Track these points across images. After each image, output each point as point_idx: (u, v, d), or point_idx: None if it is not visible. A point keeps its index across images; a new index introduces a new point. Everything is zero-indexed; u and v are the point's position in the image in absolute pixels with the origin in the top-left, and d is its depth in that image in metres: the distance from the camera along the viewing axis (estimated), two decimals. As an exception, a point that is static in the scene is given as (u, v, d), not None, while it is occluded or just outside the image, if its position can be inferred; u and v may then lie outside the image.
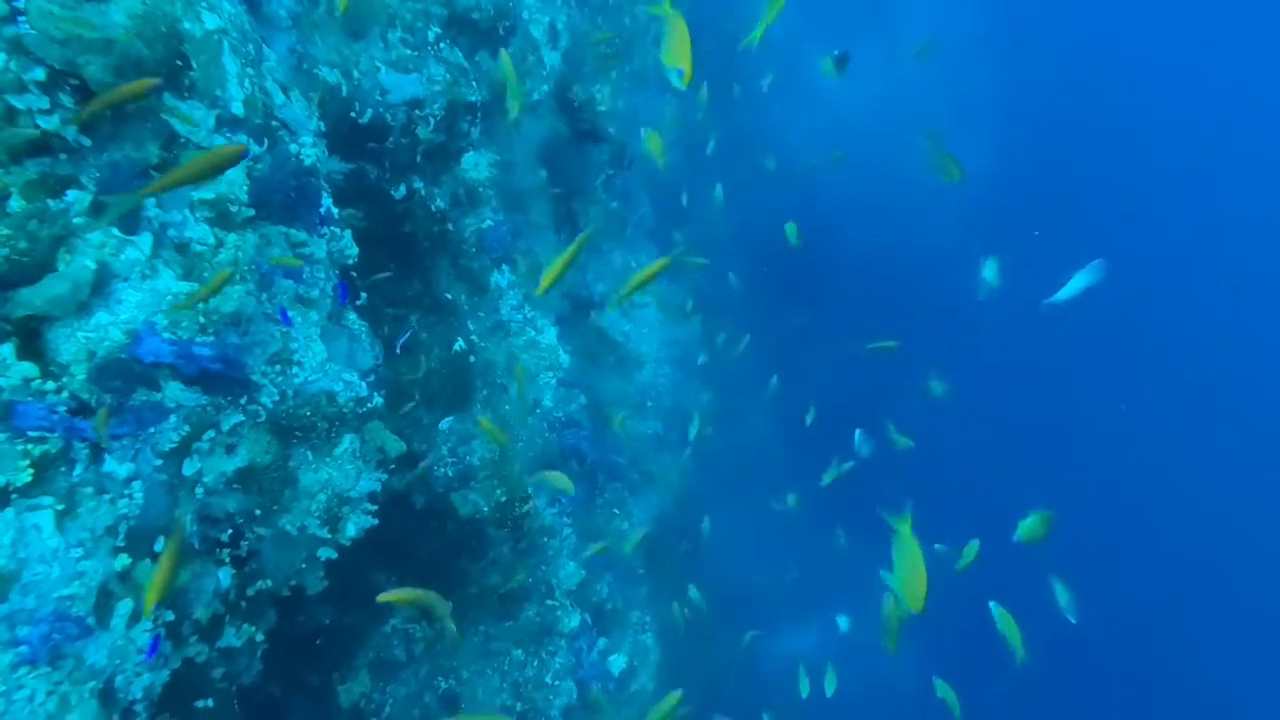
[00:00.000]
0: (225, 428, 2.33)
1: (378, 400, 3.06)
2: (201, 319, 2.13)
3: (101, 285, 1.94)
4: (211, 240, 2.29)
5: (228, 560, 2.46)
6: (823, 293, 9.57)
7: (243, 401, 2.39)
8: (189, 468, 2.23)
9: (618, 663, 5.55)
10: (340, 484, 2.89)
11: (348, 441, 2.92)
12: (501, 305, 4.92)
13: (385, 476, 3.28)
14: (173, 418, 2.10)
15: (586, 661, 5.34)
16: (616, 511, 6.35)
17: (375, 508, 3.18)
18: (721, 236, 8.85)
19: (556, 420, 5.07)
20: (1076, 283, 3.52)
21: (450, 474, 4.78)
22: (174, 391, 2.09)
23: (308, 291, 2.77)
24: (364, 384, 3.00)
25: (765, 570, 8.48)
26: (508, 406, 4.79)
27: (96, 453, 1.96)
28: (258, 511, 2.66)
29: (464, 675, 5.03)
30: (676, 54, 2.16)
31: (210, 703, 2.38)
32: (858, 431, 6.10)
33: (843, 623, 6.28)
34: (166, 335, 2.03)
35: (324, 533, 2.93)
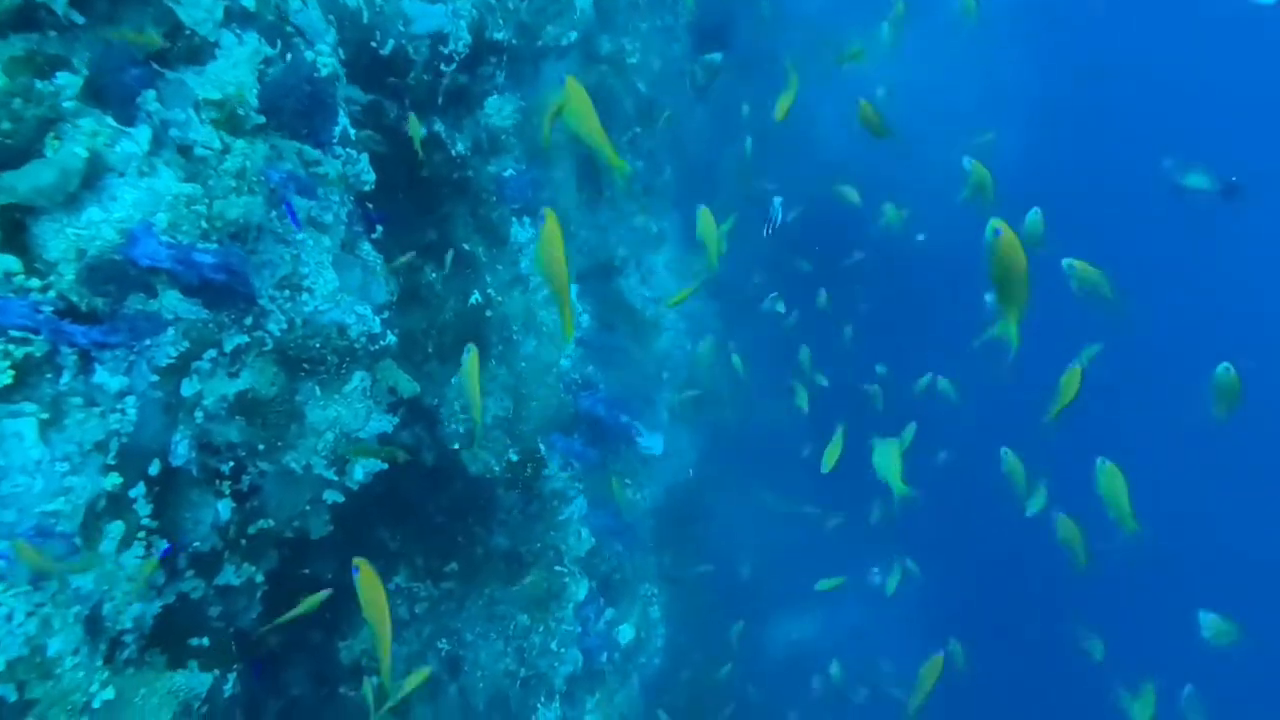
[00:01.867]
0: (228, 348, 2.15)
1: (391, 338, 2.88)
2: (204, 224, 1.94)
3: (94, 178, 1.76)
4: (217, 145, 2.10)
5: (228, 493, 2.30)
6: (846, 272, 9.31)
7: (247, 323, 2.21)
8: (188, 388, 2.06)
9: (625, 633, 5.42)
10: (349, 423, 2.72)
11: (358, 379, 2.74)
12: (521, 259, 4.71)
13: (397, 420, 3.12)
14: (171, 331, 1.92)
15: (593, 630, 5.21)
16: (629, 481, 6.19)
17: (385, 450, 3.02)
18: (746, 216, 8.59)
19: (572, 381, 4.89)
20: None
21: (461, 430, 4.62)
22: (172, 301, 1.91)
23: (320, 214, 2.58)
24: (377, 319, 2.82)
25: (781, 545, 8.35)
26: (523, 363, 4.61)
27: (86, 361, 1.79)
28: (261, 446, 2.50)
29: (468, 638, 4.92)
30: None
31: (205, 641, 2.24)
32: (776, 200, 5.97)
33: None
34: (165, 238, 1.84)
35: (330, 474, 2.77)
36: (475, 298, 4.67)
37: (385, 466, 3.05)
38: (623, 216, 6.57)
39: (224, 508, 2.26)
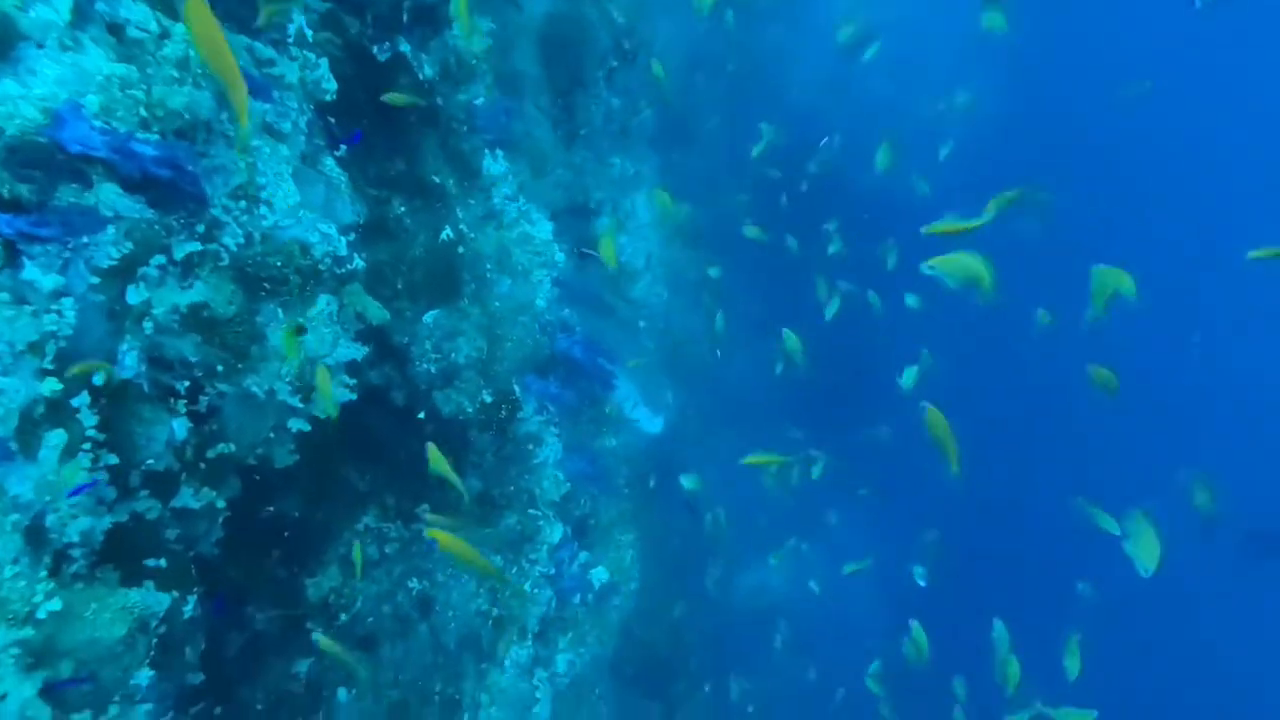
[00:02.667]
0: (178, 255, 2.00)
1: (358, 262, 2.74)
2: (143, 111, 1.77)
3: (6, 46, 1.57)
4: (154, 27, 1.90)
5: (183, 412, 2.18)
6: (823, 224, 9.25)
7: (199, 230, 2.06)
8: (134, 295, 1.91)
9: (599, 575, 5.48)
10: (315, 348, 2.60)
11: (324, 303, 2.61)
12: (494, 193, 4.53)
13: (366, 350, 3.00)
14: (110, 229, 1.77)
15: (567, 573, 5.25)
16: (605, 429, 6.17)
17: (354, 382, 2.91)
18: (723, 163, 8.43)
19: (549, 323, 4.79)
20: None
21: (433, 370, 4.51)
22: (110, 196, 1.75)
23: (278, 122, 2.40)
24: (343, 240, 2.67)
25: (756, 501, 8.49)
26: (497, 303, 4.48)
27: (12, 254, 1.64)
28: (220, 367, 2.38)
29: (439, 578, 4.91)
30: None
31: (163, 563, 2.15)
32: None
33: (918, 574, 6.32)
34: (98, 123, 1.67)
35: (295, 401, 2.66)
36: (446, 233, 4.49)
37: (355, 398, 2.95)
38: (599, 157, 6.37)
39: (179, 426, 2.14)
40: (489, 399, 4.52)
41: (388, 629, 4.74)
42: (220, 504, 2.49)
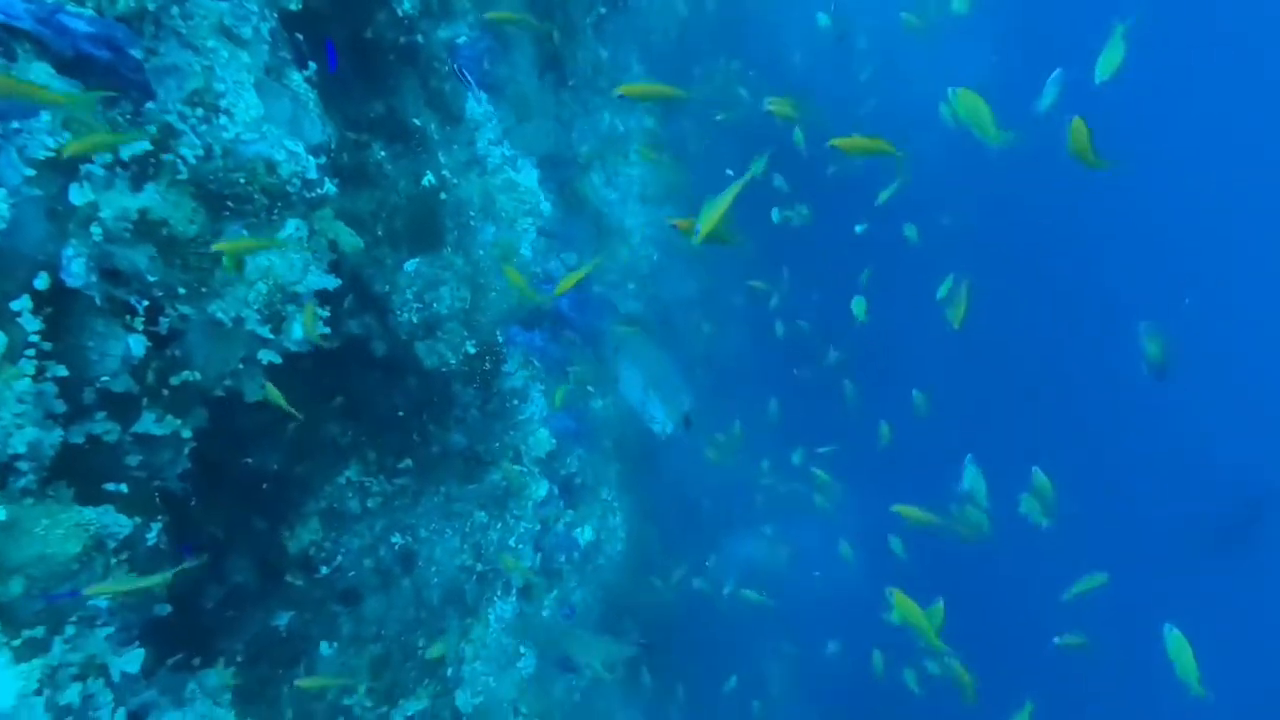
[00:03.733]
0: (125, 154, 1.87)
1: (329, 187, 2.62)
2: (81, -12, 1.63)
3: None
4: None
5: (140, 330, 2.07)
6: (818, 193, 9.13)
7: (151, 130, 1.93)
8: (78, 195, 1.79)
9: (584, 534, 5.44)
10: (284, 274, 2.49)
11: (293, 226, 2.49)
12: (477, 138, 4.38)
13: (340, 283, 2.88)
14: (45, 115, 1.64)
15: (552, 530, 5.21)
16: (590, 389, 6.10)
17: (328, 314, 2.80)
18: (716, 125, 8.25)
19: (535, 275, 4.67)
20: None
21: (415, 321, 4.39)
22: (41, 76, 1.62)
23: (237, 25, 2.25)
24: (312, 161, 2.54)
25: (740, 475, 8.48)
26: (481, 251, 4.36)
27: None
28: (181, 290, 2.26)
29: (422, 534, 4.85)
30: None
31: (124, 488, 2.06)
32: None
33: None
34: (29, -5, 1.54)
35: (265, 331, 2.55)
36: (428, 179, 4.35)
37: (329, 331, 2.84)
38: (588, 111, 6.19)
39: (135, 343, 2.03)
40: (473, 350, 4.42)
41: (370, 583, 4.69)
42: (186, 434, 2.39)
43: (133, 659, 1.94)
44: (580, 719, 6.04)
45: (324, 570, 4.52)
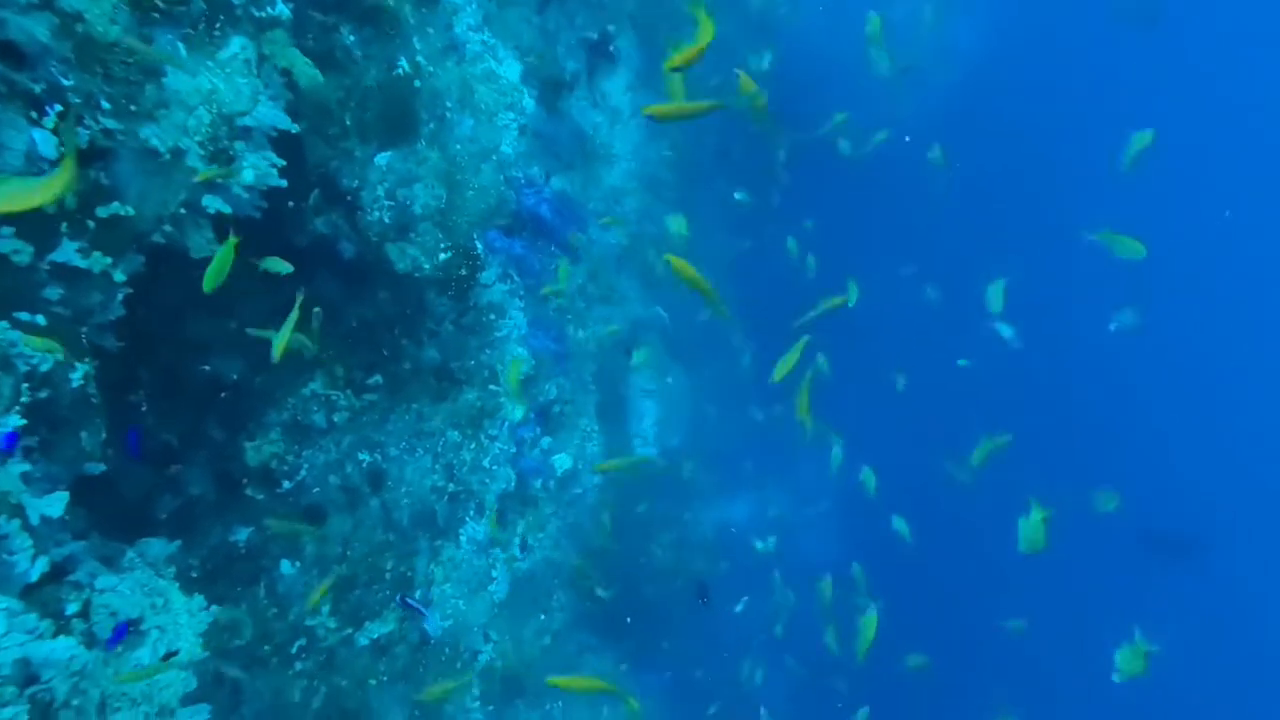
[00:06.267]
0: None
1: (282, 9, 2.32)
2: None
3: None
4: None
5: (50, 128, 1.80)
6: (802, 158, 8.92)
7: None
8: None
9: (562, 462, 5.27)
10: (229, 102, 2.21)
11: (238, 46, 2.20)
12: (455, 23, 4.06)
13: (297, 129, 2.59)
14: None
15: (528, 453, 5.02)
16: (569, 316, 5.87)
17: (284, 164, 2.53)
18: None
19: (515, 179, 4.40)
20: None
21: (386, 220, 4.11)
22: None
23: None
24: (262, -19, 2.25)
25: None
26: (458, 146, 4.07)
27: None
28: (105, 103, 1.97)
29: (392, 452, 4.63)
30: None
31: (41, 319, 1.81)
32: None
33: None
34: None
35: (210, 168, 2.27)
36: (402, 66, 4.02)
37: (285, 185, 2.57)
38: (574, 27, 5.85)
39: (42, 139, 1.76)
40: (447, 254, 4.16)
41: (335, 500, 4.47)
42: (119, 277, 2.12)
43: (54, 501, 1.72)
44: (550, 663, 5.94)
45: (286, 485, 4.29)
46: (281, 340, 2.24)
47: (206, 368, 4.25)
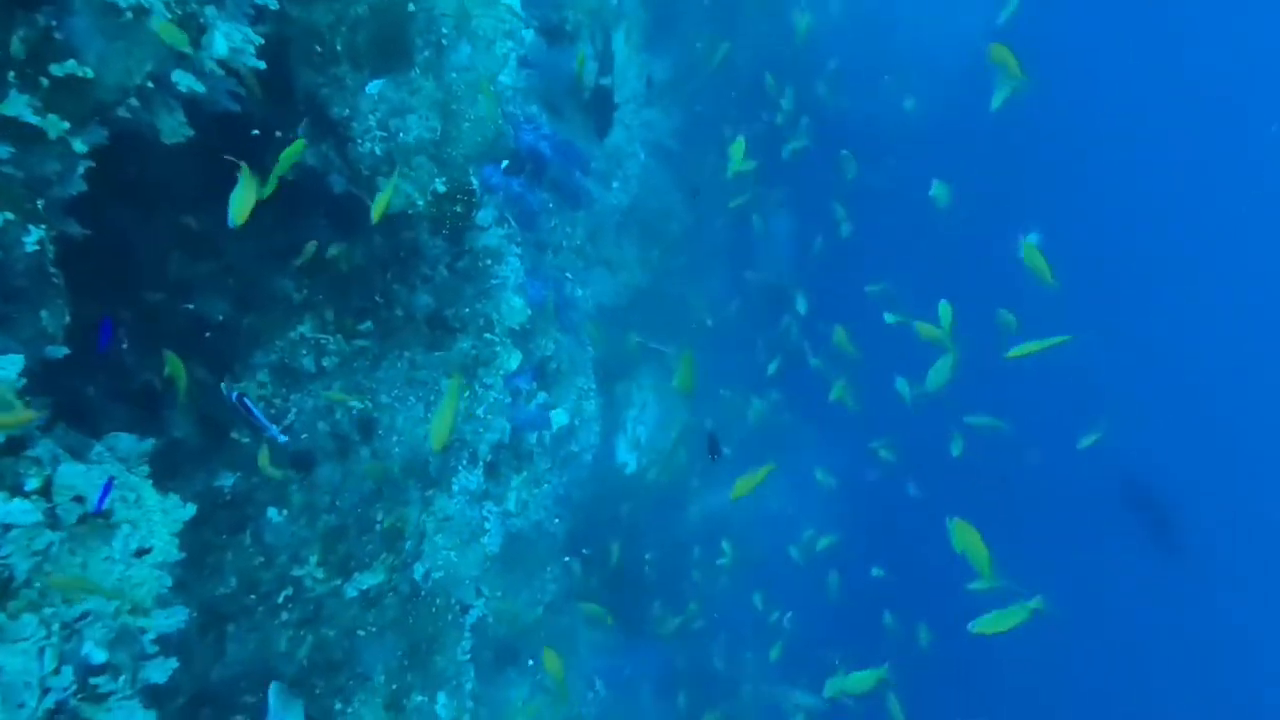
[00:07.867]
0: None
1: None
2: None
3: None
4: None
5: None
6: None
7: None
8: None
9: (559, 417, 5.11)
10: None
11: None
12: (452, -55, 3.89)
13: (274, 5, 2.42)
14: None
15: (524, 406, 4.87)
16: (569, 276, 5.72)
17: (262, 40, 2.36)
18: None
19: (514, 115, 4.23)
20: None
21: (379, 152, 3.94)
22: None
23: None
24: None
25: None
26: (454, 74, 3.90)
27: None
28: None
29: (383, 400, 4.47)
30: None
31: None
32: None
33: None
34: None
35: (179, 43, 2.10)
36: (396, -10, 3.86)
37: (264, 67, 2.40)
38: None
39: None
40: (442, 189, 4.00)
41: (325, 448, 4.32)
42: (80, 148, 1.96)
43: (7, 364, 1.56)
44: (544, 635, 5.80)
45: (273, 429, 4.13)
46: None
47: (190, 306, 4.10)
